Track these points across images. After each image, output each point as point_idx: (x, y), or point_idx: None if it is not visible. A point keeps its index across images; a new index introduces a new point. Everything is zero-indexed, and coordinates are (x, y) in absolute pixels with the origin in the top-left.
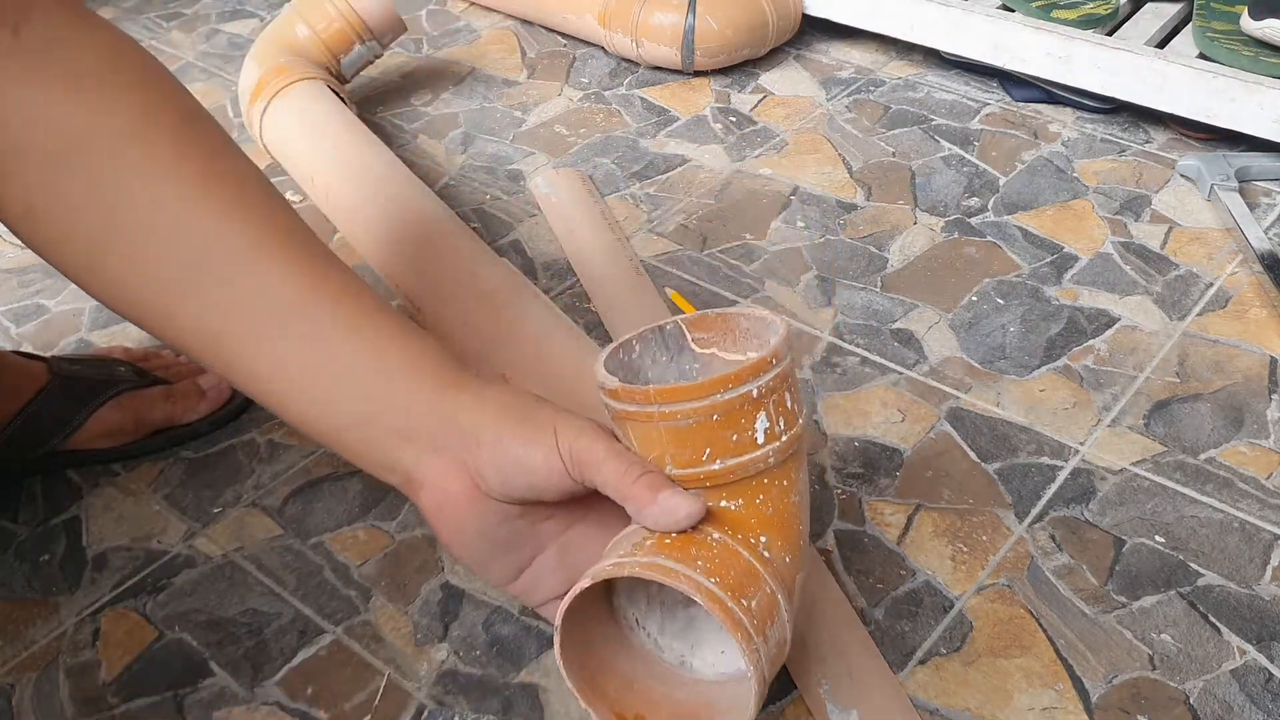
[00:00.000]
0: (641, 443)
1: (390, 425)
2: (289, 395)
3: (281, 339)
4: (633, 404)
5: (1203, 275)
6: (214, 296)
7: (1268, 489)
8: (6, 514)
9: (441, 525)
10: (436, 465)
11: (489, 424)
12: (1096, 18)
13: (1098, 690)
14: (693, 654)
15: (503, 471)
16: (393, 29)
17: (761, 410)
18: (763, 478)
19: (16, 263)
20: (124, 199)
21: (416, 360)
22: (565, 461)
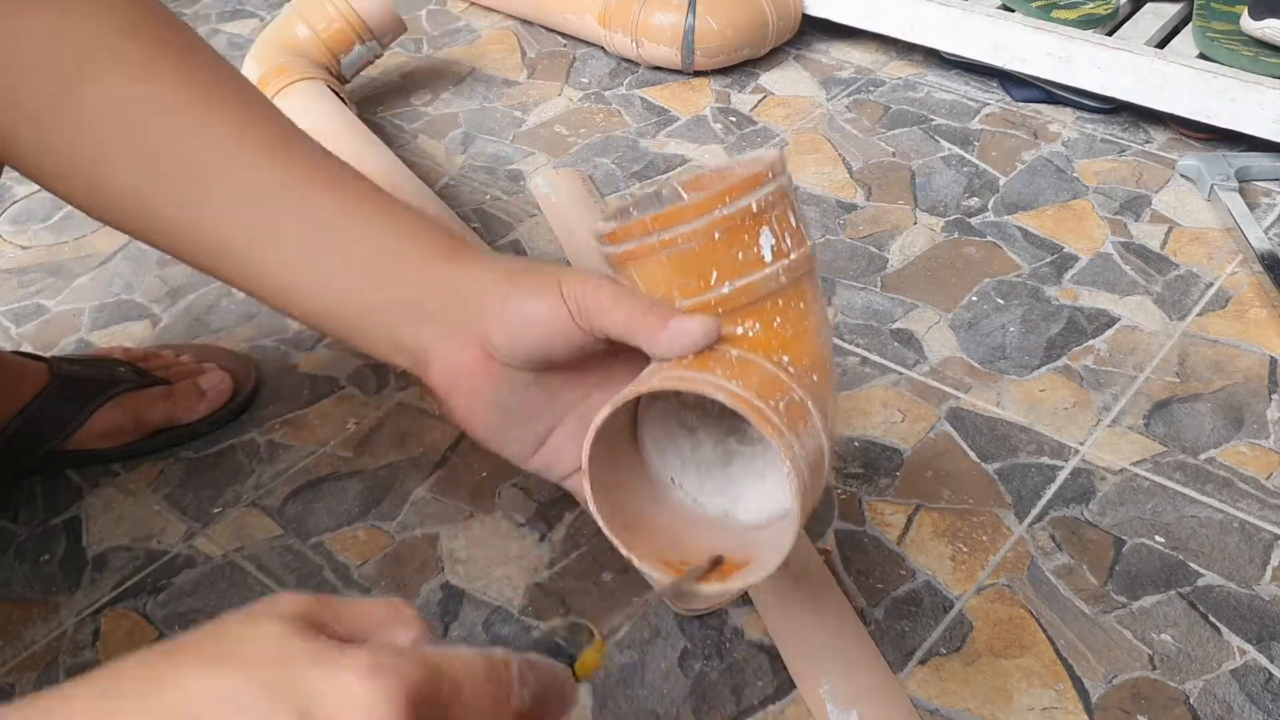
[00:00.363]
0: (647, 282)
1: (394, 305)
2: (292, 287)
3: (277, 229)
4: (632, 240)
5: (1203, 275)
6: (209, 197)
7: (1268, 489)
8: (6, 514)
9: (455, 400)
10: (445, 340)
11: (492, 288)
12: (1096, 18)
13: (1098, 690)
14: (735, 506)
15: (511, 331)
16: (393, 29)
17: (764, 225)
18: (776, 298)
19: (16, 263)
20: (112, 121)
21: (415, 238)
22: (572, 310)
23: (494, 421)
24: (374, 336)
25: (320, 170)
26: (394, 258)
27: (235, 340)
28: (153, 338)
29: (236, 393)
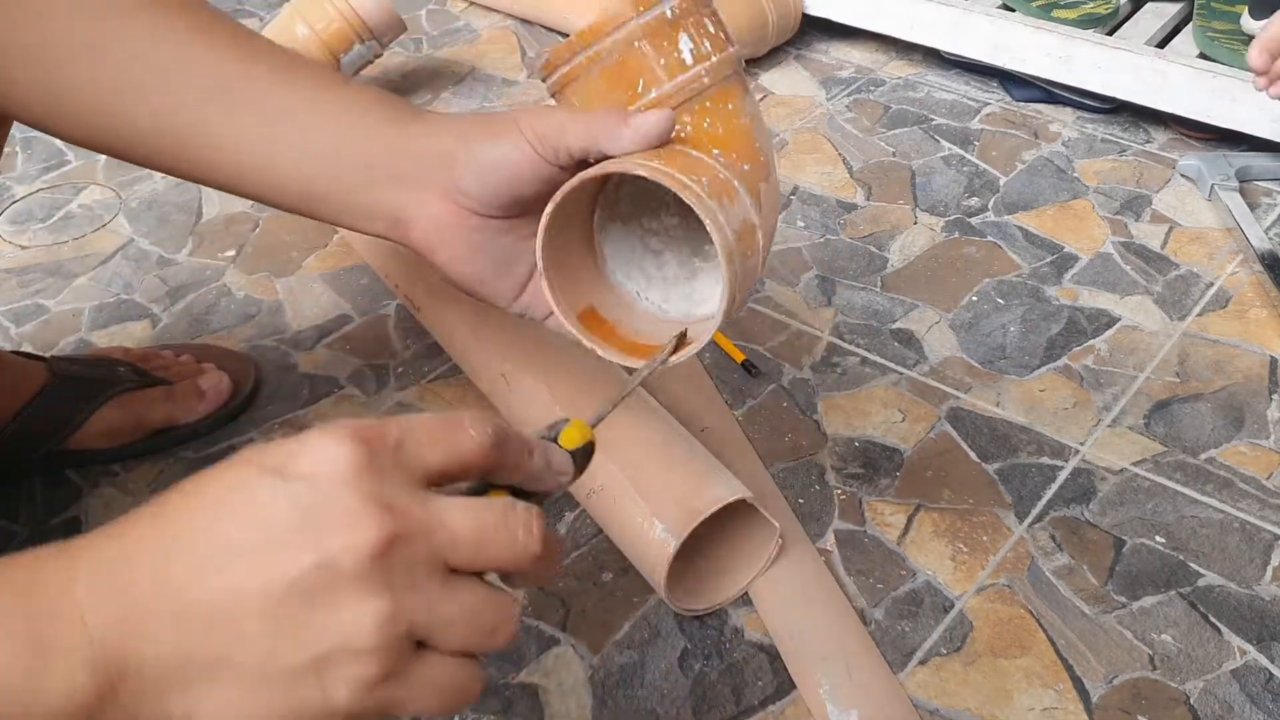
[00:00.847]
0: (584, 102)
1: (362, 173)
2: (259, 169)
3: (230, 113)
4: (563, 64)
5: (1203, 275)
6: (164, 95)
7: (1268, 489)
8: (6, 514)
9: (438, 253)
10: (418, 198)
11: (456, 141)
12: (1096, 17)
13: (1098, 690)
14: (696, 309)
15: (480, 177)
16: (392, 28)
17: (681, 31)
18: (704, 100)
19: (16, 263)
20: (61, 29)
21: (370, 108)
22: (532, 143)
23: (477, 269)
24: (349, 207)
25: (277, 59)
26: (358, 129)
27: (235, 340)
28: (153, 338)
29: (236, 393)
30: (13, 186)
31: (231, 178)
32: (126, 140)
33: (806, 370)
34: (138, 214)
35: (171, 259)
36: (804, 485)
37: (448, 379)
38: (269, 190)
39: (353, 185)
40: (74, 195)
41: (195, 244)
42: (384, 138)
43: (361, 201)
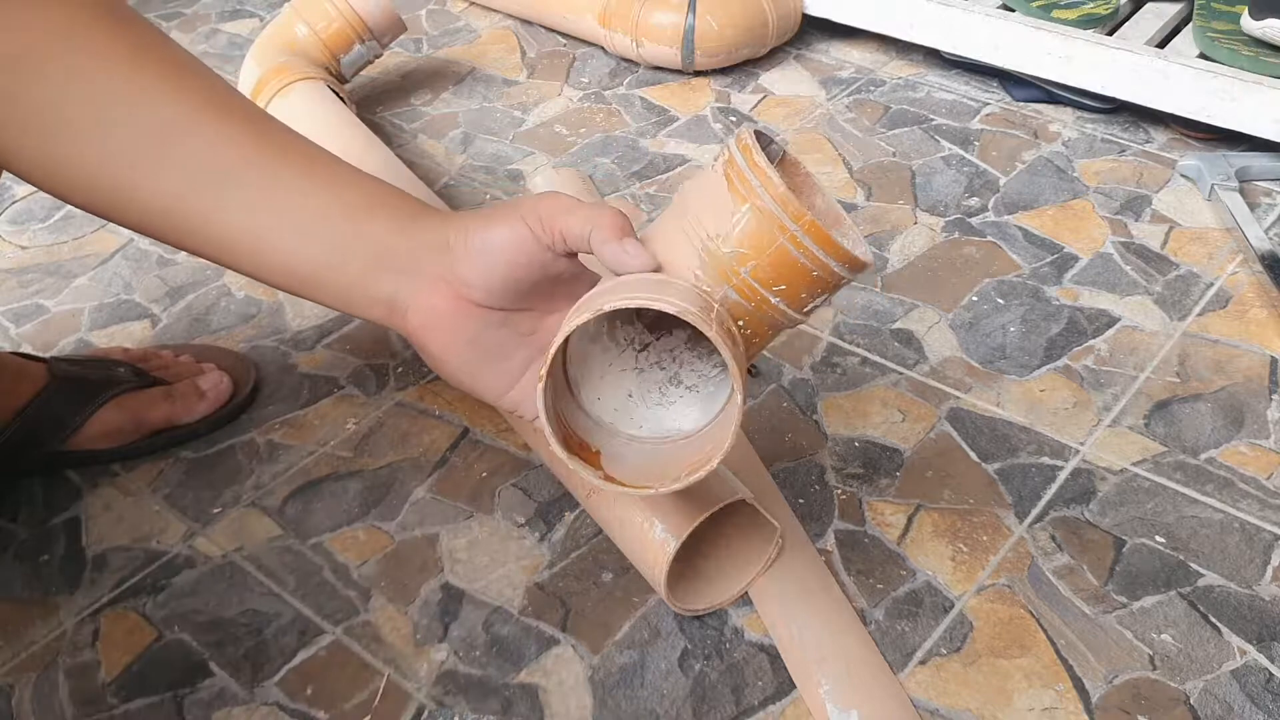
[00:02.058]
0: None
1: (363, 260)
2: (259, 251)
3: (235, 195)
4: (775, 204)
5: (1203, 275)
6: (167, 169)
7: (1268, 489)
8: (6, 514)
9: (431, 343)
10: (417, 287)
11: (457, 231)
12: (1096, 17)
13: (1098, 690)
14: (679, 426)
15: (477, 261)
16: (392, 29)
17: (822, 292)
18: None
19: (16, 263)
20: (66, 96)
21: (375, 196)
22: (532, 226)
23: (470, 361)
24: (346, 294)
25: (289, 146)
26: (360, 217)
27: (235, 340)
28: (152, 338)
29: (236, 393)
30: (13, 186)
31: (229, 257)
32: (123, 211)
33: (806, 370)
34: None
35: (171, 259)
36: (804, 485)
37: None
38: (270, 273)
39: (355, 275)
40: None
41: None
42: (388, 229)
43: (362, 289)
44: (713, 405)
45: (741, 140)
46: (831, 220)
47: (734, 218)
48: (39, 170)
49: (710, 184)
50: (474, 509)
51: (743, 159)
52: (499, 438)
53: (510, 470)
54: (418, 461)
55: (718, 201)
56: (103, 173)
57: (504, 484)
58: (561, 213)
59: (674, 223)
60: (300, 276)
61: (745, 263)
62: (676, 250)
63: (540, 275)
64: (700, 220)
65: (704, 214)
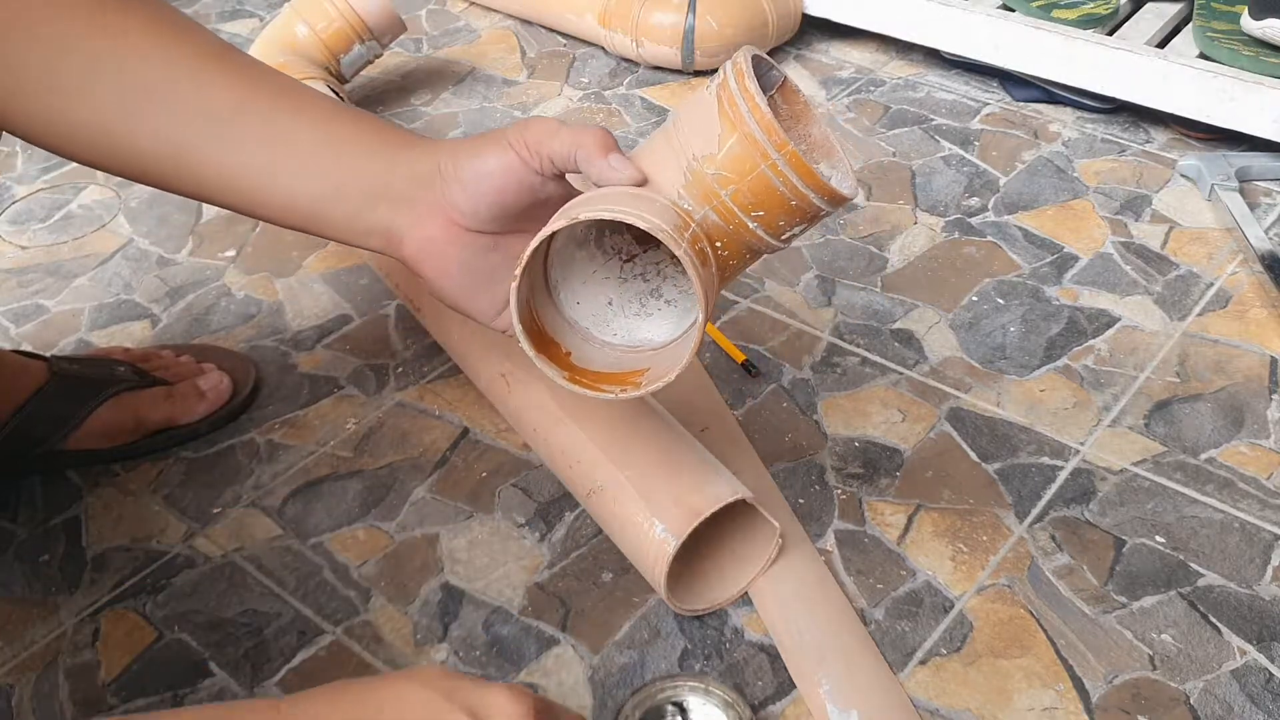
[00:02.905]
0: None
1: (357, 193)
2: (257, 189)
3: (235, 138)
4: (763, 131)
5: (1203, 275)
6: (165, 115)
7: (1268, 489)
8: (6, 514)
9: (427, 268)
10: (410, 216)
11: (447, 158)
12: (1096, 18)
13: (1098, 690)
14: (651, 337)
15: (468, 189)
16: (392, 29)
17: (800, 222)
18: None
19: (16, 263)
20: (65, 55)
21: (366, 131)
22: (518, 150)
23: (463, 284)
24: (345, 226)
25: (281, 87)
26: (357, 155)
27: (235, 340)
28: (152, 338)
29: (236, 393)
30: (13, 186)
31: (231, 198)
32: (125, 159)
33: (806, 370)
34: (138, 214)
35: (171, 259)
36: (804, 485)
37: (448, 379)
38: (269, 210)
39: (351, 208)
40: (74, 195)
41: (195, 244)
42: (381, 161)
43: (359, 221)
44: (686, 321)
45: (737, 64)
46: (823, 151)
47: (720, 140)
48: (38, 128)
49: (702, 105)
50: (474, 509)
51: (735, 83)
52: (499, 438)
53: (510, 470)
54: (418, 461)
55: (707, 123)
56: (99, 126)
57: (504, 484)
58: (547, 136)
59: (663, 140)
60: (300, 212)
61: (726, 185)
62: (663, 167)
63: (530, 199)
64: (689, 140)
65: (693, 134)
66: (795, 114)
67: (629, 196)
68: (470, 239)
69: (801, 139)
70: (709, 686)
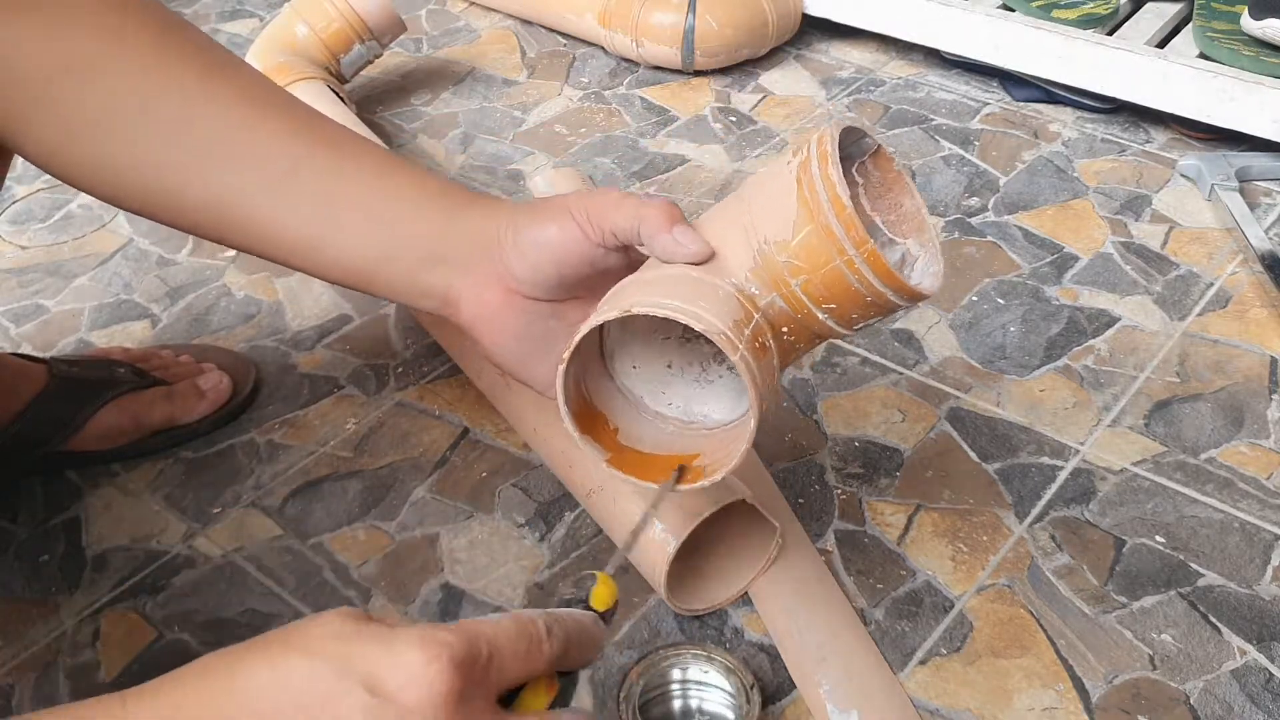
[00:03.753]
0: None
1: (416, 253)
2: (310, 246)
3: (292, 194)
4: (841, 224)
5: (1203, 275)
6: (220, 169)
7: (1268, 489)
8: (6, 514)
9: (482, 333)
10: (469, 280)
11: (507, 224)
12: (1096, 17)
13: (1098, 690)
14: (707, 414)
15: (527, 257)
16: (392, 29)
17: (875, 315)
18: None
19: (16, 262)
20: (120, 103)
21: (424, 188)
22: (580, 221)
23: (519, 352)
24: (401, 286)
25: (339, 143)
26: (415, 215)
27: (235, 340)
28: (152, 338)
29: (236, 393)
30: (13, 186)
31: (283, 254)
32: (176, 209)
33: (806, 370)
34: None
35: (171, 259)
36: (804, 485)
37: (448, 379)
38: (321, 268)
39: (408, 267)
40: (74, 195)
41: (195, 244)
42: (439, 223)
43: (415, 282)
44: (744, 401)
45: (822, 145)
46: (913, 225)
47: (795, 227)
48: (88, 175)
49: (779, 183)
50: (474, 509)
51: (818, 168)
52: (499, 438)
53: (510, 470)
54: (418, 461)
55: (783, 206)
56: (151, 175)
57: (504, 484)
58: (610, 208)
59: (734, 213)
60: (354, 270)
61: (798, 275)
62: (731, 244)
63: (590, 270)
64: (761, 220)
65: (766, 215)
66: (887, 182)
67: (689, 283)
68: (528, 306)
69: (892, 208)
70: (711, 654)
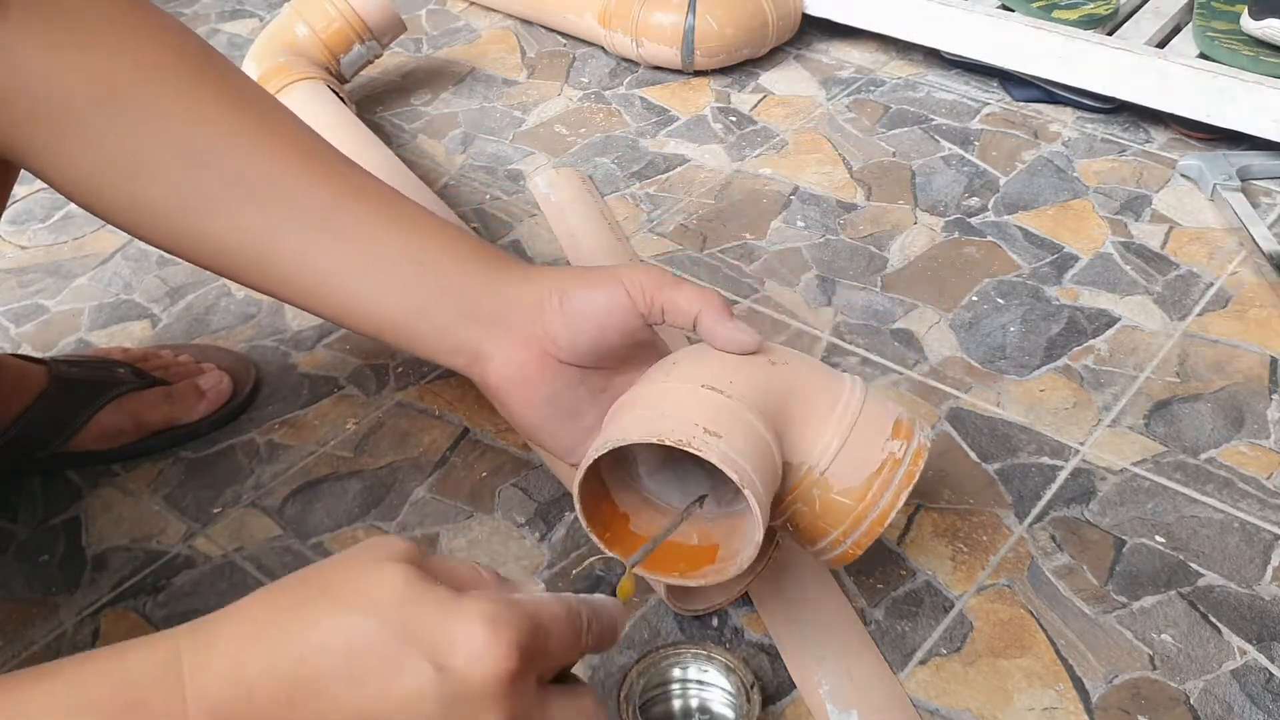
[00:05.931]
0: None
1: (450, 310)
2: (343, 296)
3: (325, 243)
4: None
5: (1203, 275)
6: (253, 214)
7: (1268, 489)
8: (6, 514)
9: (511, 395)
10: (502, 340)
11: (553, 287)
12: (1097, 18)
13: (1098, 690)
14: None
15: (572, 322)
16: (392, 29)
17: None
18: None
19: (16, 263)
20: (153, 137)
21: (465, 243)
22: (632, 292)
23: (546, 416)
24: (430, 341)
25: (369, 189)
26: (453, 265)
27: (235, 340)
28: (152, 338)
29: (236, 393)
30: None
31: (313, 302)
32: (206, 250)
33: None
34: None
35: (171, 259)
36: None
37: (448, 379)
38: (352, 318)
39: (441, 324)
40: None
41: None
42: (480, 277)
43: (447, 337)
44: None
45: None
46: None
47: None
48: (119, 208)
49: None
50: (474, 509)
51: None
52: (499, 438)
53: (510, 470)
54: (418, 461)
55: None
56: (182, 214)
57: (504, 484)
58: (668, 285)
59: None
60: (386, 324)
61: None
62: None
63: (625, 341)
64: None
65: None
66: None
67: (709, 410)
68: (559, 370)
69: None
70: (711, 653)
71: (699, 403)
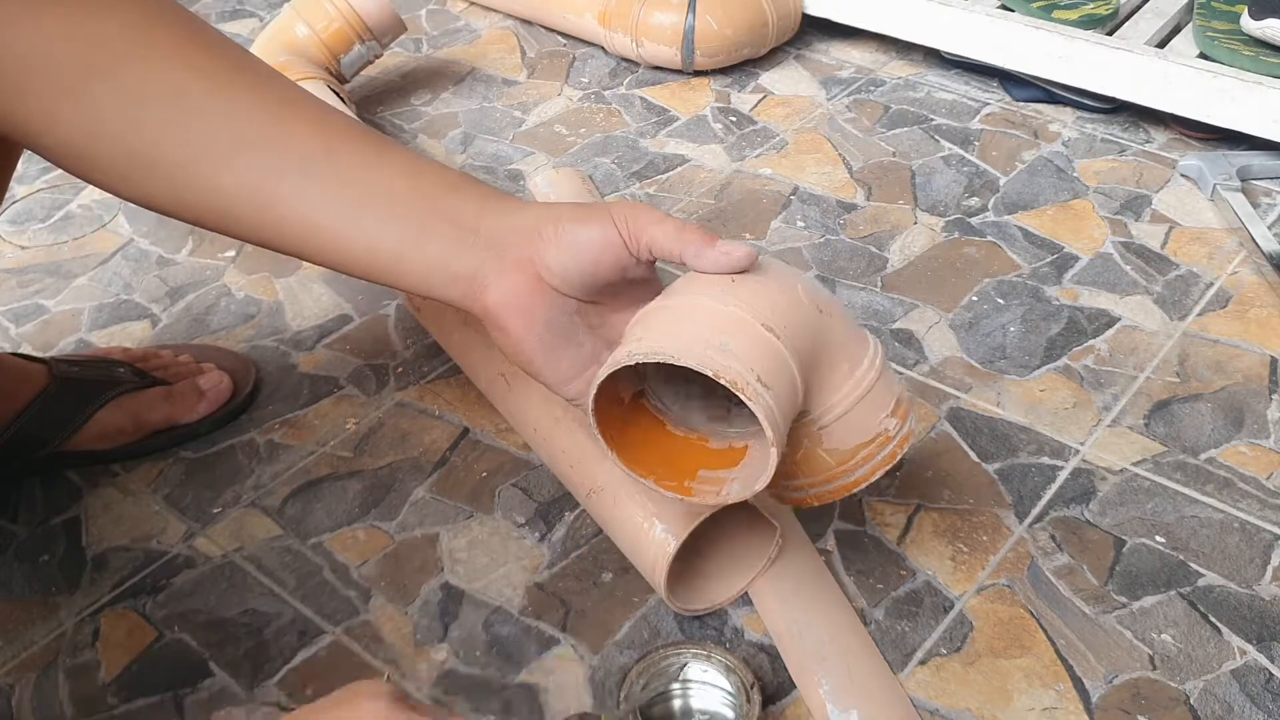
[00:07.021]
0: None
1: (446, 238)
2: (340, 236)
3: (322, 183)
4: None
5: (1203, 275)
6: (250, 160)
7: (1268, 489)
8: (6, 514)
9: (510, 320)
10: (500, 264)
11: (546, 216)
12: (1097, 18)
13: (1098, 690)
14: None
15: (565, 251)
16: (392, 29)
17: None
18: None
19: (16, 263)
20: (146, 96)
21: (452, 177)
22: (622, 231)
23: (546, 342)
24: (429, 273)
25: (360, 134)
26: (449, 194)
27: (235, 340)
28: (152, 338)
29: (236, 393)
30: (13, 186)
31: (311, 247)
32: (204, 205)
33: None
34: (137, 214)
35: (171, 259)
36: None
37: (447, 379)
38: (350, 258)
39: (437, 253)
40: (74, 195)
41: (195, 244)
42: (475, 204)
43: (443, 268)
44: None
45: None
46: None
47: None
48: (117, 173)
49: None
50: (474, 509)
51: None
52: (499, 438)
53: (510, 470)
54: (418, 461)
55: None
56: (180, 170)
57: (504, 484)
58: (651, 224)
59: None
60: (383, 260)
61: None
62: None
63: (618, 276)
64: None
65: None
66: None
67: (716, 323)
68: (555, 298)
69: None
70: (711, 653)
71: (756, 345)
